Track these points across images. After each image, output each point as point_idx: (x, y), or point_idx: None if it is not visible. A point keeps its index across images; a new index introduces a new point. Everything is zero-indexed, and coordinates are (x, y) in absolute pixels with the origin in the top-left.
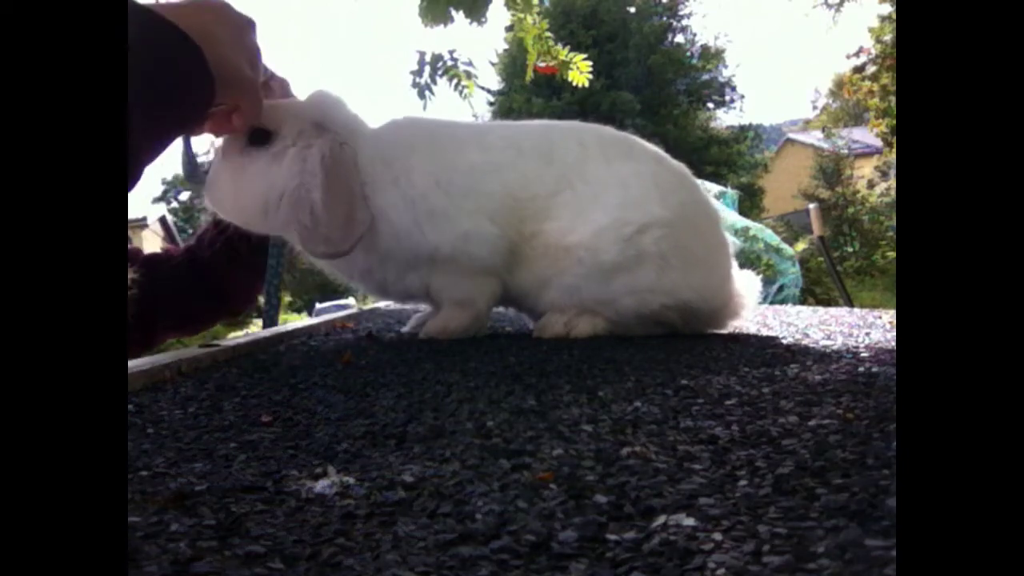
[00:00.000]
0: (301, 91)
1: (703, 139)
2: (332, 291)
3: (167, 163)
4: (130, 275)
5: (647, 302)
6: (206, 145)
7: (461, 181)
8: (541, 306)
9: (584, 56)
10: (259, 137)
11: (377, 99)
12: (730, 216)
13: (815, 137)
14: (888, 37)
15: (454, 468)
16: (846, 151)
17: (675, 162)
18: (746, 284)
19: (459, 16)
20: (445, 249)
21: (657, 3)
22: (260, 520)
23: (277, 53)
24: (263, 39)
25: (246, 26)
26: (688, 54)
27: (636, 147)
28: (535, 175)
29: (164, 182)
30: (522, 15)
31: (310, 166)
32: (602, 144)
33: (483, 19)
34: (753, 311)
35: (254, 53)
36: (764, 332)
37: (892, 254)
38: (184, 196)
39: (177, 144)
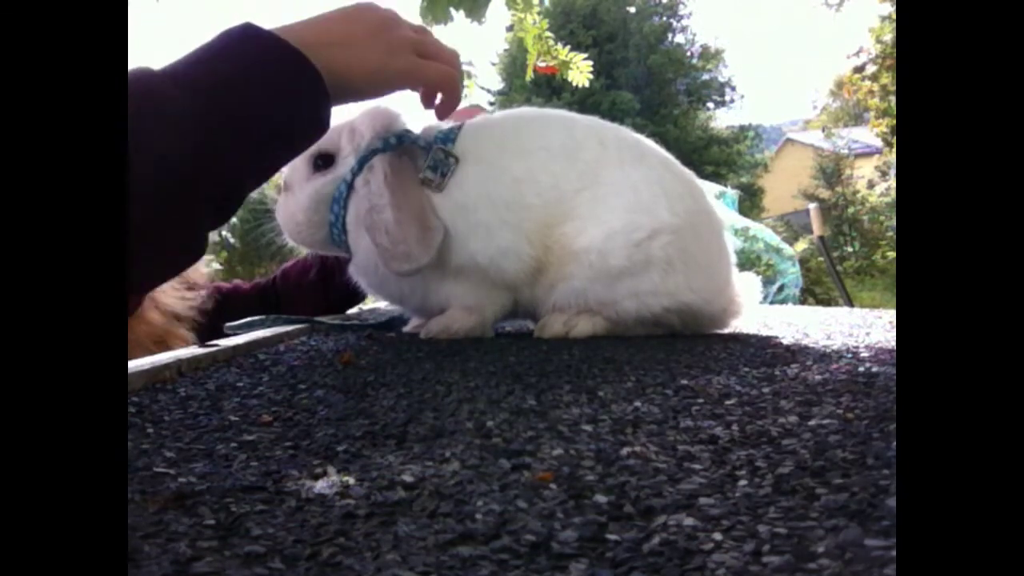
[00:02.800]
0: None
1: (703, 139)
2: None
3: None
4: (199, 301)
5: (649, 305)
6: None
7: (506, 193)
8: (546, 309)
9: (584, 56)
10: (322, 161)
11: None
12: (730, 216)
13: (815, 137)
14: (888, 37)
15: (454, 468)
16: (846, 151)
17: (683, 168)
18: (747, 287)
19: (459, 16)
20: (481, 260)
21: (657, 3)
22: (260, 520)
23: None
24: None
25: (383, 22)
26: (688, 54)
27: (648, 151)
28: (563, 174)
29: None
30: (522, 15)
31: (375, 187)
32: (619, 146)
33: (483, 19)
34: (753, 312)
35: (399, 42)
36: (764, 332)
37: (892, 254)
38: None
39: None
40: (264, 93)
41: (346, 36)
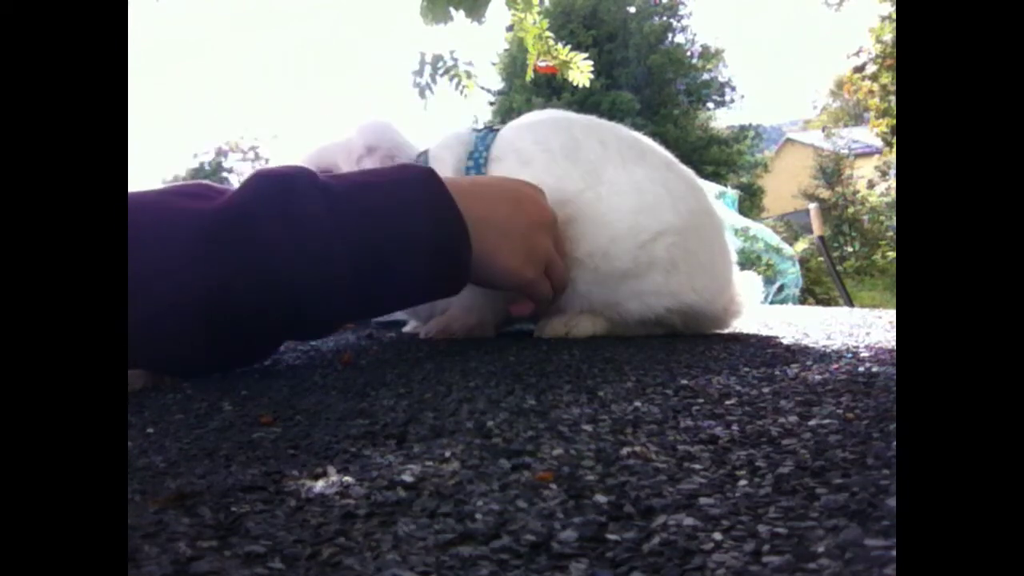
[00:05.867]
0: (304, 91)
1: (703, 139)
2: None
3: (168, 163)
4: None
5: (651, 305)
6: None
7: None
8: (548, 311)
9: (584, 56)
10: None
11: (378, 98)
12: (730, 216)
13: (815, 137)
14: (888, 37)
15: (454, 468)
16: (846, 151)
17: (684, 167)
18: (747, 286)
19: (459, 16)
20: None
21: (657, 3)
22: (260, 520)
23: (279, 53)
24: (265, 40)
25: (537, 225)
26: (688, 54)
27: (648, 150)
28: (566, 175)
29: (164, 182)
30: (522, 15)
31: None
32: (619, 145)
33: (483, 19)
34: (753, 312)
35: (540, 253)
36: (764, 332)
37: (892, 254)
38: None
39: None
40: (415, 254)
41: (506, 226)
